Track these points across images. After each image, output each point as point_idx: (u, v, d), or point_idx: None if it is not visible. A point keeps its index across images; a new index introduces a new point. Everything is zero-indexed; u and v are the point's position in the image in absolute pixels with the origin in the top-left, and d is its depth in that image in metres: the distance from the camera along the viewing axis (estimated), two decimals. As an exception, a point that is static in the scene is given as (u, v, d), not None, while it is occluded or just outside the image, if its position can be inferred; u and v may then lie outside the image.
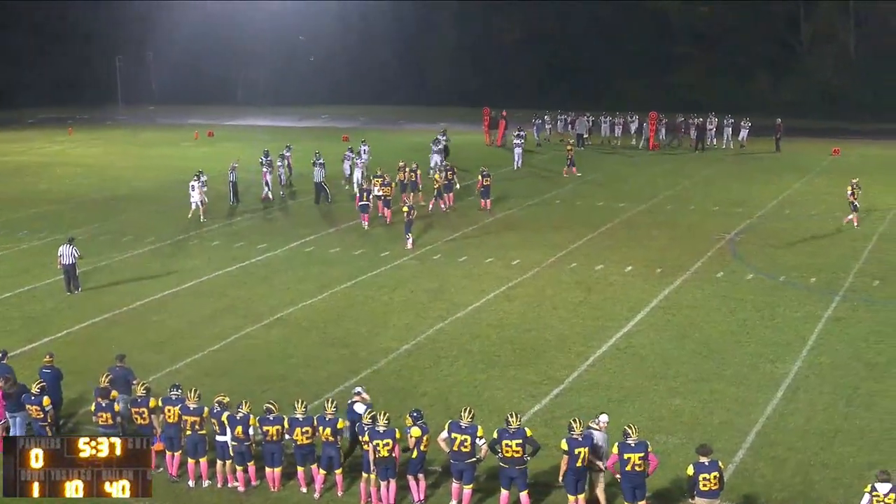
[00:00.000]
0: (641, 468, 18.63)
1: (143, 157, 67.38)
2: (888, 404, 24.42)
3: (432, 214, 46.05)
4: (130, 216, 47.47)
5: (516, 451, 19.10)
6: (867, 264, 37.17)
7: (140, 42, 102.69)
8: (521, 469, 19.23)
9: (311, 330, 30.55)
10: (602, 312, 31.82)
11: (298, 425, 20.23)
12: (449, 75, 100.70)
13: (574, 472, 18.92)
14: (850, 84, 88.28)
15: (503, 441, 19.13)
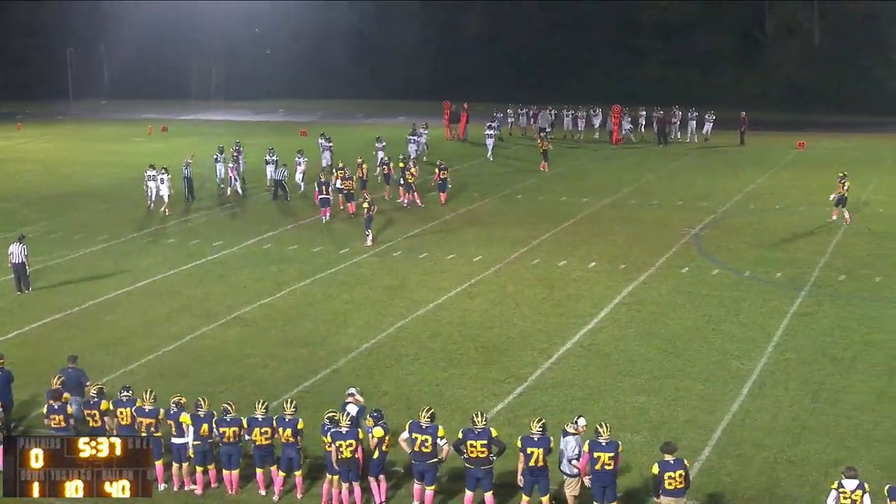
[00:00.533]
0: (611, 467, 18.64)
1: (95, 152, 66.98)
2: (854, 400, 24.62)
3: (395, 210, 45.98)
4: (82, 213, 47.17)
5: (482, 451, 19.07)
6: (833, 259, 37.45)
7: (92, 35, 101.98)
8: (487, 469, 19.21)
9: (269, 329, 30.46)
10: (565, 309, 31.90)
11: (258, 425, 20.15)
12: (408, 68, 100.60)
13: (529, 472, 18.95)
14: (815, 77, 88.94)
15: (468, 441, 19.10)
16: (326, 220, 43.98)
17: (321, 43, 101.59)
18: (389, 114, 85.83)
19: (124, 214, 46.55)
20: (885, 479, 18.96)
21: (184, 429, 20.48)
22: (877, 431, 22.90)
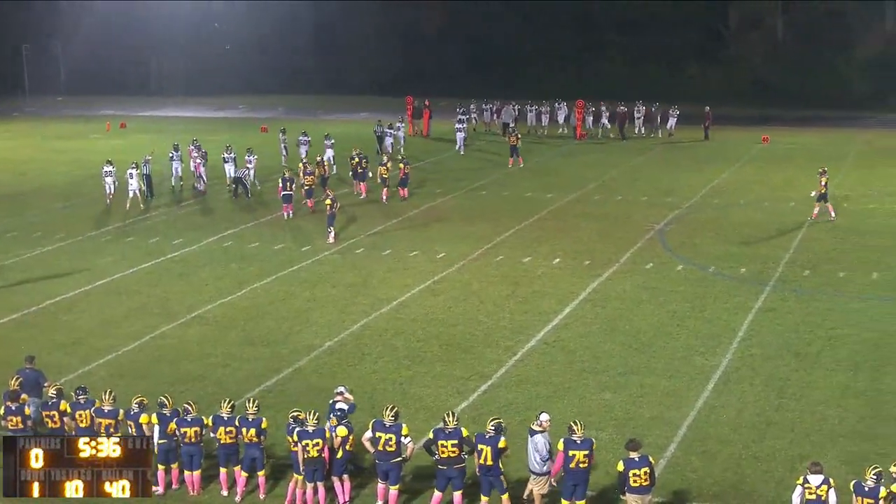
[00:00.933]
0: (585, 465, 18.68)
1: (52, 150, 66.42)
2: (819, 395, 24.79)
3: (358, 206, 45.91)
4: (39, 212, 46.81)
5: (452, 451, 19.01)
6: (797, 254, 37.69)
7: (47, 30, 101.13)
8: (460, 469, 19.17)
9: (230, 328, 30.35)
10: (530, 306, 31.96)
11: (223, 424, 20.12)
12: (370, 64, 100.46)
13: (480, 470, 18.98)
14: (778, 72, 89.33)
15: (439, 441, 19.06)
16: (289, 216, 43.90)
17: (282, 39, 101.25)
18: (351, 110, 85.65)
19: (82, 212, 46.27)
20: (850, 474, 19.11)
21: (144, 430, 20.37)
22: (841, 427, 23.08)
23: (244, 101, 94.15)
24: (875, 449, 21.71)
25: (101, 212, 46.00)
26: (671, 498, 19.74)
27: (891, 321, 30.01)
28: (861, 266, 35.88)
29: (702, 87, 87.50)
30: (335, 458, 19.68)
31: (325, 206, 40.58)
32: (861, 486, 17.40)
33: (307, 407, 21.22)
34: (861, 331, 29.25)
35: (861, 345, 28.17)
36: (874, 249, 38.19)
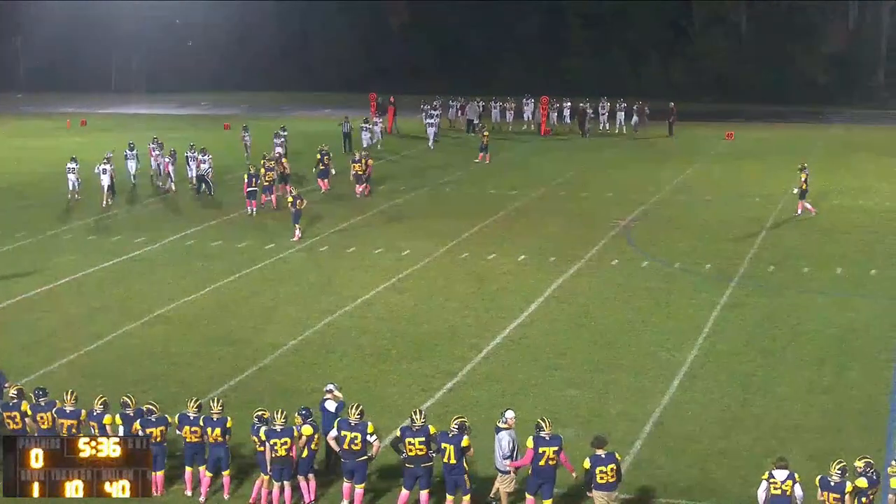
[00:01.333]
0: (554, 462, 18.70)
1: (11, 147, 65.95)
2: (783, 391, 24.95)
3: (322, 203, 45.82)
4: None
5: (420, 448, 18.98)
6: (762, 250, 37.91)
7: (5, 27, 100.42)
8: (427, 467, 19.15)
9: (194, 327, 30.24)
10: (495, 303, 31.99)
11: (189, 423, 20.07)
12: (333, 60, 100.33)
13: (445, 469, 19.00)
14: (742, 68, 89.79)
15: (406, 439, 19.05)
16: (252, 212, 43.85)
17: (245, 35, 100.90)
18: (315, 106, 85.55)
19: (43, 210, 45.96)
20: (815, 469, 19.22)
21: (108, 430, 20.27)
22: (807, 422, 23.22)
23: (207, 98, 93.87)
24: (840, 444, 21.85)
25: (62, 210, 45.73)
26: (638, 494, 19.81)
27: (855, 317, 30.23)
28: (825, 261, 36.13)
29: (666, 83, 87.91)
30: (301, 458, 19.65)
31: (287, 203, 40.48)
32: (827, 480, 17.52)
33: (272, 406, 21.17)
34: (826, 326, 29.45)
35: (825, 340, 28.36)
36: (838, 245, 38.47)
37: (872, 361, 26.77)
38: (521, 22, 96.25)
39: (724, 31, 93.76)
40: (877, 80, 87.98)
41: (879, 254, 37.14)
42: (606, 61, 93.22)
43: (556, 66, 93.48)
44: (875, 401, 24.32)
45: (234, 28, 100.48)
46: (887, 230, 40.51)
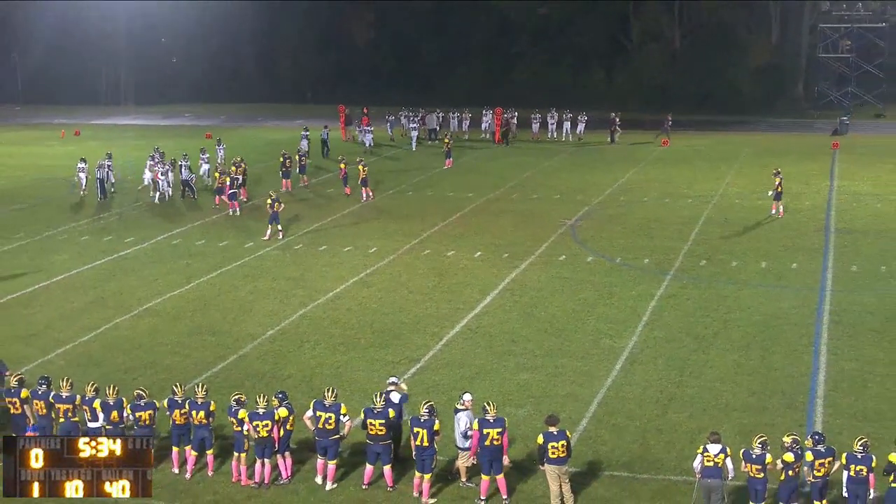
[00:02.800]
0: (499, 442, 18.80)
1: (9, 155, 65.30)
2: (715, 373, 25.14)
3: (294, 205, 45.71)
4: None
5: (380, 429, 19.20)
6: (694, 246, 38.11)
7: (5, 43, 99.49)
8: (386, 445, 19.32)
9: (179, 319, 30.12)
10: (454, 296, 32.03)
11: (177, 407, 20.05)
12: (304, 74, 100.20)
13: (416, 450, 19.05)
14: (676, 79, 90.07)
15: (367, 420, 19.24)
16: (237, 212, 44.21)
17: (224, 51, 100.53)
18: (288, 116, 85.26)
19: (40, 213, 45.61)
20: (743, 443, 19.37)
21: (97, 414, 20.20)
22: (735, 401, 23.42)
23: (189, 110, 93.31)
24: (764, 420, 22.07)
25: (58, 212, 45.39)
26: (585, 468, 19.92)
27: (778, 305, 30.47)
28: (751, 256, 36.37)
29: (607, 93, 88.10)
30: (280, 437, 19.67)
31: (266, 205, 40.34)
32: (749, 453, 17.75)
33: (251, 391, 21.17)
34: (752, 314, 29.67)
35: (752, 327, 28.57)
36: (763, 241, 38.72)
37: (794, 346, 26.99)
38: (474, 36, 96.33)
39: (659, 46, 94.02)
40: (797, 91, 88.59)
41: (800, 249, 37.40)
42: (551, 73, 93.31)
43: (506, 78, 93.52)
44: (796, 381, 24.54)
45: (214, 45, 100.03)
46: (807, 228, 40.80)
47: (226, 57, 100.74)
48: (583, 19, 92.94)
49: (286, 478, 19.83)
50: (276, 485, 19.73)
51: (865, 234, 39.65)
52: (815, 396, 23.63)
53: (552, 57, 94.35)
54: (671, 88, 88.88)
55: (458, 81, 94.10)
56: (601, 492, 19.35)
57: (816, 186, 49.79)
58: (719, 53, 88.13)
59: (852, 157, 59.13)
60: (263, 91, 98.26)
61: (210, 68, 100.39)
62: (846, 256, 36.19)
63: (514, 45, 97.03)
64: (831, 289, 32.24)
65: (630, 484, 19.62)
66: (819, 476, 17.65)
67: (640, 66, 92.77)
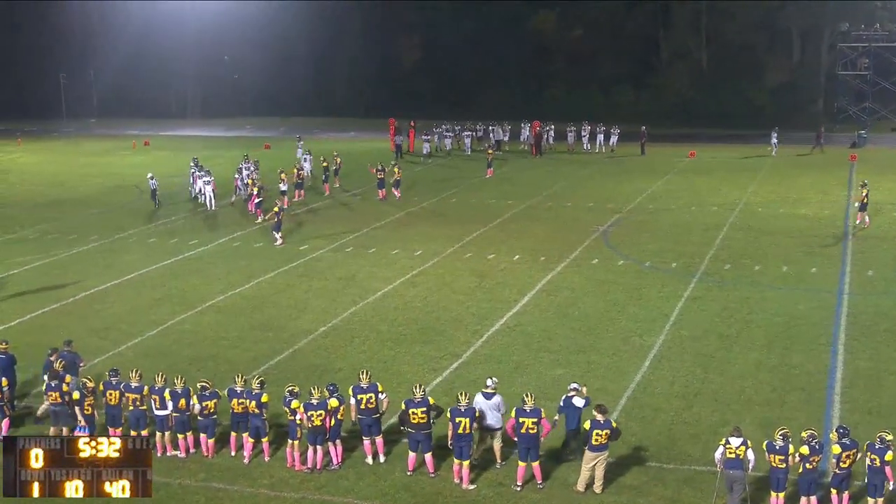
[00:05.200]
0: (535, 431, 18.73)
1: (86, 164, 65.98)
2: (738, 370, 24.90)
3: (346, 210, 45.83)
4: (75, 217, 46.46)
5: (422, 417, 19.16)
6: (719, 251, 37.82)
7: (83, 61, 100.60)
8: (427, 433, 19.28)
9: (239, 315, 30.22)
10: (494, 295, 31.95)
11: (236, 396, 20.18)
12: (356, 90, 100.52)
13: (456, 438, 18.94)
14: (702, 96, 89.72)
15: (410, 409, 19.20)
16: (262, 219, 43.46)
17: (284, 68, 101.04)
18: (342, 129, 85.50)
19: (112, 217, 45.98)
20: (764, 436, 19.16)
21: (166, 402, 20.32)
22: (757, 396, 23.18)
23: (250, 123, 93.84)
24: (784, 414, 21.83)
25: (130, 216, 45.76)
26: (615, 458, 19.73)
27: (798, 307, 30.14)
28: (773, 261, 36.03)
29: (638, 109, 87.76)
30: (331, 426, 19.69)
31: (272, 213, 40.19)
32: (772, 445, 17.56)
33: (305, 382, 21.20)
34: (773, 316, 29.37)
35: (773, 327, 28.28)
36: (783, 247, 38.35)
37: (812, 345, 26.69)
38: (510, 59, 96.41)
39: (686, 65, 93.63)
40: (817, 107, 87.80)
41: (818, 255, 37.02)
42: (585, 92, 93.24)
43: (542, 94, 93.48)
44: (814, 378, 24.26)
45: (273, 62, 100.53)
46: (825, 234, 40.37)
47: (285, 73, 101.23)
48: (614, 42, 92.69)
49: (337, 464, 19.83)
50: (327, 470, 19.74)
51: (882, 240, 39.16)
52: (833, 393, 23.34)
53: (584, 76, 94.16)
54: (697, 104, 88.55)
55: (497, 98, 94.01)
56: (630, 480, 19.20)
57: (835, 196, 49.27)
58: (742, 72, 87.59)
59: (869, 168, 58.43)
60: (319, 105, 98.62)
61: (270, 84, 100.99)
62: (863, 262, 35.76)
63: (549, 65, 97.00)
64: (848, 292, 31.87)
65: (657, 473, 19.46)
66: (844, 467, 17.47)
67: (668, 84, 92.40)
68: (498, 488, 19.00)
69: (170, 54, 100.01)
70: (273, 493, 18.97)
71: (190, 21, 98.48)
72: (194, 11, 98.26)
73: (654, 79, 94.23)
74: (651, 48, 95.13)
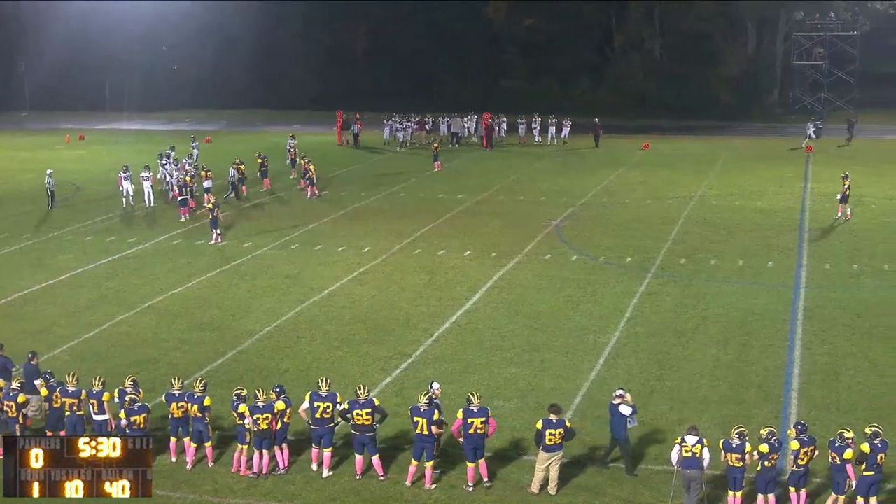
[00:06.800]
0: (482, 431, 18.85)
1: (17, 159, 65.00)
2: (694, 367, 25.16)
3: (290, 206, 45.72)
4: (7, 214, 45.86)
5: (366, 419, 19.19)
6: (674, 245, 38.14)
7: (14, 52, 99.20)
8: (371, 436, 19.34)
9: (180, 316, 30.03)
10: (444, 293, 32.01)
11: (175, 400, 20.04)
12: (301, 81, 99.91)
13: (417, 438, 19.05)
14: (657, 87, 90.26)
15: (354, 410, 19.24)
16: (185, 218, 43.27)
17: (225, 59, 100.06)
18: (286, 122, 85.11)
19: (45, 215, 45.40)
20: (721, 434, 19.40)
21: (105, 407, 20.16)
22: (713, 393, 23.44)
23: (190, 115, 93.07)
24: (742, 412, 22.10)
25: (62, 214, 45.25)
26: (570, 458, 19.87)
27: (755, 302, 30.50)
28: (729, 255, 36.41)
29: (591, 100, 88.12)
30: (277, 430, 19.64)
31: (206, 210, 39.98)
32: (729, 443, 17.78)
33: (250, 385, 21.11)
34: (729, 311, 29.70)
35: (729, 323, 28.61)
36: (740, 240, 38.76)
37: (770, 341, 27.04)
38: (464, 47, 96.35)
39: (640, 55, 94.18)
40: (773, 97, 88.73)
41: (775, 248, 37.46)
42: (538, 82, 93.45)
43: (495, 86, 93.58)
44: (772, 375, 24.58)
45: (214, 52, 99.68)
46: (781, 228, 40.86)
47: (225, 63, 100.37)
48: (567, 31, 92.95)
49: (283, 468, 19.80)
50: (273, 475, 19.70)
51: (838, 233, 39.72)
52: (790, 389, 23.67)
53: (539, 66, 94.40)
54: (652, 95, 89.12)
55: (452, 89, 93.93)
56: (585, 481, 19.34)
57: (791, 188, 49.85)
58: (698, 63, 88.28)
59: (825, 160, 59.21)
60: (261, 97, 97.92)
61: (210, 76, 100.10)
62: (819, 255, 36.26)
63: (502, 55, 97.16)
64: (805, 286, 32.31)
65: (613, 473, 19.61)
66: (802, 465, 17.71)
67: (622, 74, 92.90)
68: (450, 491, 19.06)
69: (106, 45, 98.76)
70: (217, 500, 18.90)
71: (126, 10, 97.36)
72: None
73: (610, 69, 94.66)
74: (605, 38, 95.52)
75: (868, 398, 23.10)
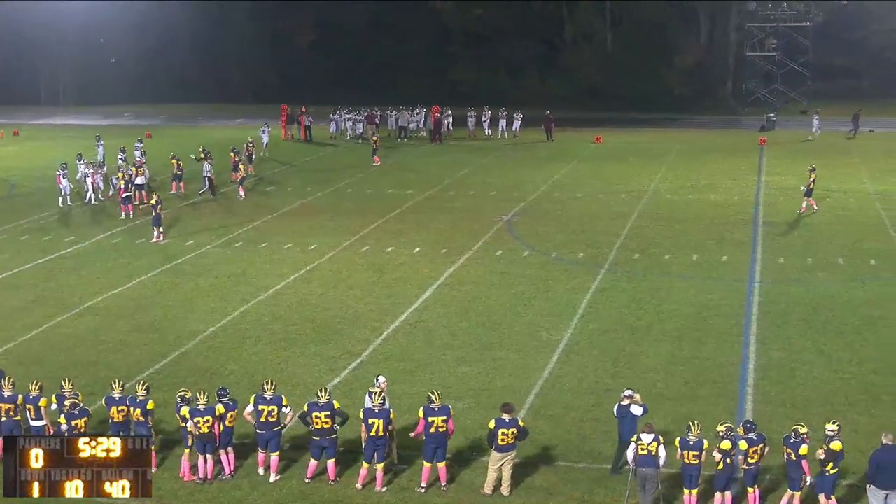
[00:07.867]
0: (444, 430, 18.87)
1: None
2: (648, 363, 25.34)
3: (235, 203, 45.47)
4: (-62, 214, 45.24)
5: (325, 422, 19.10)
6: (628, 240, 38.37)
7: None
8: (332, 439, 19.25)
9: (121, 317, 29.76)
10: (393, 291, 31.98)
11: (115, 404, 19.82)
12: (245, 74, 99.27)
13: (370, 441, 19.00)
14: (609, 79, 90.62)
15: (313, 413, 19.13)
16: (129, 215, 43.06)
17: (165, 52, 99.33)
18: (229, 116, 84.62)
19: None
20: (677, 432, 19.55)
21: (42, 413, 19.91)
22: (668, 390, 23.61)
23: (129, 110, 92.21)
24: (697, 409, 22.25)
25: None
26: (524, 457, 19.92)
27: (709, 297, 30.76)
28: (683, 249, 36.70)
29: (543, 93, 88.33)
30: (221, 433, 19.51)
31: (150, 207, 39.73)
32: (686, 441, 17.87)
33: (194, 387, 20.95)
34: (684, 306, 29.94)
35: (684, 319, 28.83)
36: (693, 235, 39.08)
37: (725, 336, 27.28)
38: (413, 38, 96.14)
39: (591, 46, 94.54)
40: (726, 89, 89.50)
41: (729, 242, 37.80)
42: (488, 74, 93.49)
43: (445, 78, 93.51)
44: (727, 371, 24.80)
45: (154, 45, 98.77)
46: (736, 221, 41.24)
47: (165, 56, 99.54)
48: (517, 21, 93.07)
49: (229, 473, 19.67)
50: (219, 480, 19.57)
51: (792, 227, 40.17)
52: (746, 385, 23.90)
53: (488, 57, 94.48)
54: (604, 87, 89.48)
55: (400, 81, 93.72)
56: (539, 481, 19.41)
57: (745, 181, 50.33)
58: (650, 53, 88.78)
59: (779, 152, 59.86)
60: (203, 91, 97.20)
61: (151, 68, 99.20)
62: (774, 249, 36.64)
63: (451, 46, 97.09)
64: (760, 280, 32.63)
65: (568, 473, 19.70)
66: (753, 463, 17.85)
67: (573, 66, 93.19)
68: (401, 493, 19.04)
69: (39, 37, 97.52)
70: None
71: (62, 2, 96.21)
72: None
73: (561, 61, 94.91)
74: (556, 29, 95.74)
75: (823, 394, 23.37)
